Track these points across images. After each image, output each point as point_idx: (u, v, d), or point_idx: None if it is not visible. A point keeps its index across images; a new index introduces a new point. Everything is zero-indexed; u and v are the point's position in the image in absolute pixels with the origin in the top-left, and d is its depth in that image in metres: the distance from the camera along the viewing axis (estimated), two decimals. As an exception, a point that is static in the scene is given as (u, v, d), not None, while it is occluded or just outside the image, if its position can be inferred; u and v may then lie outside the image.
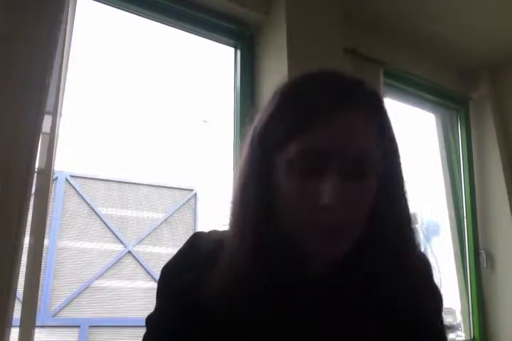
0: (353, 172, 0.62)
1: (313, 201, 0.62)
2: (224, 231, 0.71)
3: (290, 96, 0.67)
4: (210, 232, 0.75)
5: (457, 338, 3.05)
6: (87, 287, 4.92)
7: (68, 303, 4.83)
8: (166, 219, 5.45)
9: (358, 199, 0.63)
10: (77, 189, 5.14)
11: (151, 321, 0.71)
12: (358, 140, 0.63)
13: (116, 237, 5.19)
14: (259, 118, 0.69)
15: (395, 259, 0.66)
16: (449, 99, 3.11)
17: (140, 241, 5.28)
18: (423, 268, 0.75)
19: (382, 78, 2.53)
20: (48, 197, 1.55)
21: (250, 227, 0.66)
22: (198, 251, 0.71)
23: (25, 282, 1.46)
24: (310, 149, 0.62)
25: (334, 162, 0.62)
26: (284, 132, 0.64)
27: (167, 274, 0.73)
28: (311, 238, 0.64)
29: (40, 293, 1.60)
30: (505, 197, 2.88)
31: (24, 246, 1.44)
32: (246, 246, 0.66)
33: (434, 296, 0.76)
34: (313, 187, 0.62)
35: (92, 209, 5.16)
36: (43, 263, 1.53)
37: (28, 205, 1.45)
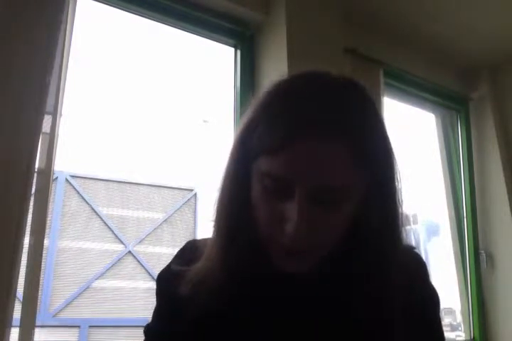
0: (323, 202, 0.59)
1: (278, 223, 0.60)
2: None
3: (265, 107, 0.63)
4: (204, 240, 0.75)
5: (457, 338, 3.05)
6: (87, 287, 4.92)
7: (68, 303, 4.83)
8: (166, 219, 5.45)
9: (326, 226, 0.61)
10: (78, 189, 5.14)
11: (148, 330, 0.73)
12: (324, 174, 0.58)
13: (117, 237, 5.20)
14: (242, 120, 0.68)
15: (380, 261, 0.64)
16: (449, 99, 3.11)
17: (140, 241, 5.29)
18: (414, 269, 0.74)
19: (382, 78, 2.53)
20: (48, 197, 1.55)
21: (222, 232, 0.67)
22: (188, 258, 0.72)
23: (25, 282, 1.46)
24: (273, 174, 0.60)
25: (299, 191, 0.58)
26: (256, 145, 0.62)
27: (158, 282, 0.75)
28: (273, 255, 0.64)
29: (40, 293, 1.60)
30: (505, 197, 2.88)
31: (24, 246, 1.44)
32: (218, 249, 0.66)
33: (430, 296, 0.75)
34: (281, 209, 0.60)
35: (93, 209, 5.17)
36: (43, 264, 1.53)
37: (28, 205, 1.45)
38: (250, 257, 0.65)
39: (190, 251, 0.74)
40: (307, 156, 0.58)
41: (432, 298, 0.75)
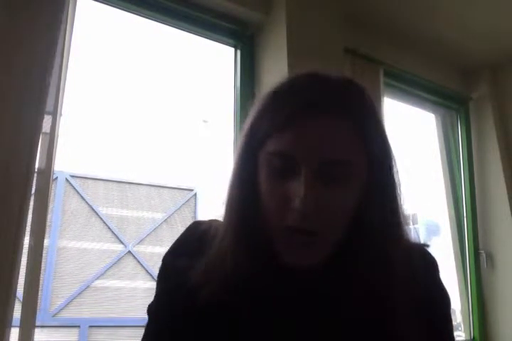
0: (329, 178, 0.61)
1: (285, 203, 0.61)
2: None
3: (271, 97, 0.67)
4: (210, 221, 0.76)
5: (457, 338, 3.05)
6: (87, 287, 4.92)
7: (68, 303, 4.83)
8: (165, 219, 5.45)
9: (332, 205, 0.62)
10: (77, 189, 5.14)
11: (150, 310, 0.73)
12: (329, 148, 0.61)
13: (117, 237, 5.20)
14: (249, 114, 0.70)
15: (382, 257, 0.65)
16: (449, 99, 3.11)
17: (140, 241, 5.29)
18: (424, 267, 0.73)
19: (382, 78, 2.53)
20: (48, 197, 1.55)
21: (233, 223, 0.67)
22: (195, 238, 0.73)
23: (25, 282, 1.46)
24: (280, 152, 0.62)
25: (306, 167, 0.61)
26: (263, 131, 0.65)
27: (164, 262, 0.75)
28: (281, 243, 0.64)
29: (40, 293, 1.60)
30: (505, 197, 2.88)
31: (24, 246, 1.44)
32: (229, 241, 0.67)
33: (440, 296, 0.74)
34: (288, 188, 0.62)
35: (92, 209, 5.17)
36: (43, 264, 1.53)
37: (28, 205, 1.45)
38: (260, 250, 0.65)
39: (195, 233, 0.74)
40: (310, 132, 0.61)
41: (442, 298, 0.74)
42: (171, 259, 0.74)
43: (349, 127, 0.62)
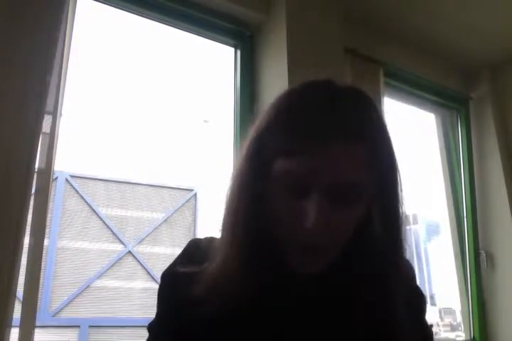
0: (339, 199, 0.62)
1: (295, 220, 0.63)
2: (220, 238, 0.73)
3: (283, 113, 0.66)
4: (209, 239, 0.77)
5: (457, 338, 3.05)
6: (86, 287, 4.92)
7: (68, 303, 4.83)
8: (165, 219, 5.45)
9: (340, 224, 0.64)
10: (77, 189, 5.14)
11: (151, 328, 0.73)
12: (341, 171, 0.62)
13: (116, 237, 5.20)
14: (256, 124, 0.70)
15: (383, 265, 0.67)
16: (449, 98, 3.11)
17: (140, 241, 5.29)
18: (408, 271, 0.78)
19: (382, 78, 2.53)
20: (47, 197, 1.54)
21: (239, 233, 0.67)
22: (194, 258, 0.73)
23: (25, 282, 1.46)
24: (293, 172, 0.63)
25: (318, 187, 0.62)
26: (275, 145, 0.65)
27: (163, 281, 0.75)
28: (290, 253, 0.66)
29: (40, 293, 1.60)
30: (506, 197, 2.88)
31: (24, 246, 1.44)
32: (235, 253, 0.67)
33: (421, 298, 0.78)
34: (298, 206, 0.63)
35: (92, 209, 5.17)
36: (42, 264, 1.53)
37: (28, 205, 1.45)
38: (266, 258, 0.66)
39: (195, 250, 0.75)
40: (326, 156, 0.61)
41: (422, 300, 0.78)
42: (170, 280, 0.74)
43: (361, 150, 0.62)
